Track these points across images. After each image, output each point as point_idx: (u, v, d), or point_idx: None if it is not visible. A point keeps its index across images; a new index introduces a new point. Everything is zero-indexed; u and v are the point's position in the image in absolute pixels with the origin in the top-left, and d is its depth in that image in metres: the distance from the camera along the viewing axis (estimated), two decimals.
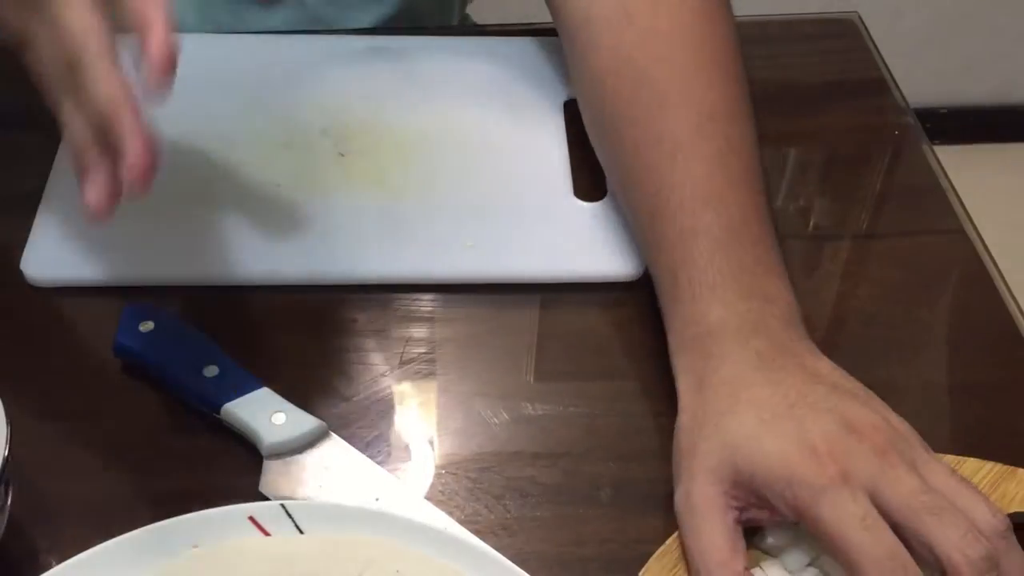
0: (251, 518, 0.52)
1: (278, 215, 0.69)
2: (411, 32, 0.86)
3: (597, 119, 0.68)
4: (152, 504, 0.55)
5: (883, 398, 0.62)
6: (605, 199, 0.71)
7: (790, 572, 0.52)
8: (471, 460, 0.59)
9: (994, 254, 0.70)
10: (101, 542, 0.50)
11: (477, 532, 0.54)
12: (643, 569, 0.53)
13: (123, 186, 0.52)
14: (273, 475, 0.57)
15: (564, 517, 0.57)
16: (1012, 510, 0.55)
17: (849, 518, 0.49)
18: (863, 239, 0.72)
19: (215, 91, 0.76)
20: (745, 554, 0.52)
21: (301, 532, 0.52)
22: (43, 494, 0.56)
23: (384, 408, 0.61)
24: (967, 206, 0.73)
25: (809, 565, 0.53)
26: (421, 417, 0.61)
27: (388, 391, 0.62)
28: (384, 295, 0.66)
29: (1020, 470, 0.56)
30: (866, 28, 0.86)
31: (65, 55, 0.52)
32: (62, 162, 0.72)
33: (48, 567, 0.50)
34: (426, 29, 0.87)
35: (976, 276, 0.69)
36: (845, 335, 0.66)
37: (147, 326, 0.61)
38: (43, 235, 0.68)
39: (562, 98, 0.77)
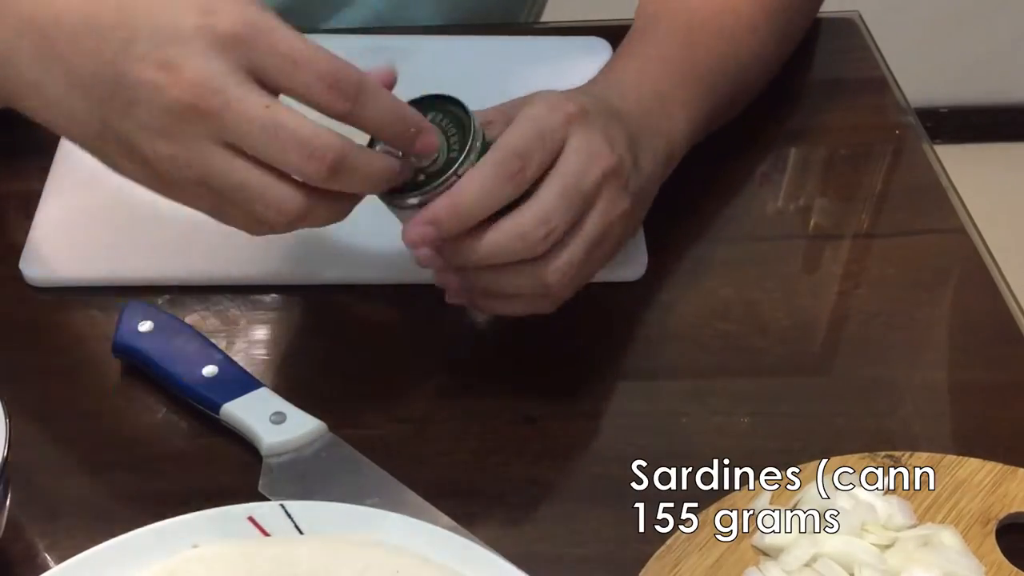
0: (251, 518, 0.52)
1: None
2: (410, 32, 0.86)
3: None
4: (152, 504, 0.55)
5: (883, 398, 0.62)
6: None
7: (788, 572, 0.52)
8: (471, 460, 0.59)
9: (994, 254, 0.70)
10: (101, 542, 0.50)
11: (477, 532, 0.54)
12: (643, 569, 0.53)
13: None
14: (273, 475, 0.57)
15: (564, 517, 0.56)
16: (1012, 510, 0.55)
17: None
18: (863, 239, 0.72)
19: None
20: None
21: (301, 532, 0.52)
22: (43, 494, 0.56)
23: (384, 408, 0.61)
24: (967, 206, 0.73)
25: (807, 565, 0.52)
26: (421, 417, 0.61)
27: (388, 391, 0.62)
28: (384, 295, 0.66)
29: (1020, 470, 0.56)
30: (866, 28, 0.86)
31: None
32: (62, 162, 0.72)
33: (48, 567, 0.50)
34: (426, 29, 0.86)
35: (976, 276, 0.69)
36: (845, 335, 0.66)
37: (147, 326, 0.61)
38: (43, 235, 0.68)
39: None
